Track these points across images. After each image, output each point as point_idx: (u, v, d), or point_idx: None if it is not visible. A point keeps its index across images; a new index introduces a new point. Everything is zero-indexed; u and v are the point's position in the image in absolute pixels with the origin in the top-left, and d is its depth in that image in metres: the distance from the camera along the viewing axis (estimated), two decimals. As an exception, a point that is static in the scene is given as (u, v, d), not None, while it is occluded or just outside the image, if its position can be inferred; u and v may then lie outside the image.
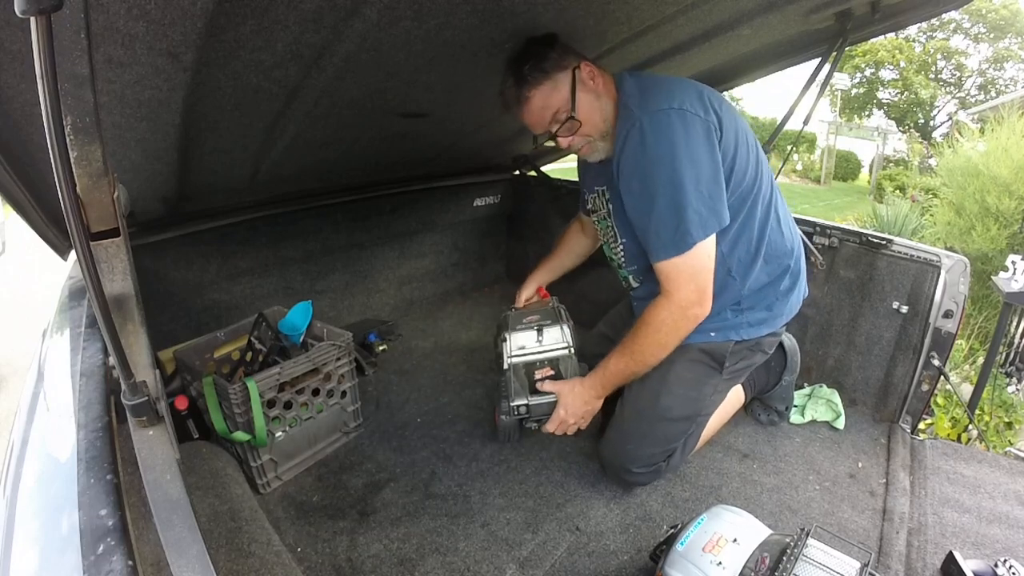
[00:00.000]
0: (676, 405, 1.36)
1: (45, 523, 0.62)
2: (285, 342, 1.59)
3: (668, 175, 1.12)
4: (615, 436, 1.41)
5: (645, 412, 1.37)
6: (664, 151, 1.12)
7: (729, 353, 1.36)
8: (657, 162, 1.13)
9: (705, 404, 1.41)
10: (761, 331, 1.38)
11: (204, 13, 0.76)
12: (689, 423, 1.40)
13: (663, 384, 1.36)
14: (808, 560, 0.93)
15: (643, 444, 1.36)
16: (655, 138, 1.12)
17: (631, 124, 1.16)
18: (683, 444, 1.43)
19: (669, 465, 1.43)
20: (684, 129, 1.12)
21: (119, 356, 0.65)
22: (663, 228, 1.16)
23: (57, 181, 0.53)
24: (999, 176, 4.01)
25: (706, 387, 1.38)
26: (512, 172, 2.74)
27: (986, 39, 16.36)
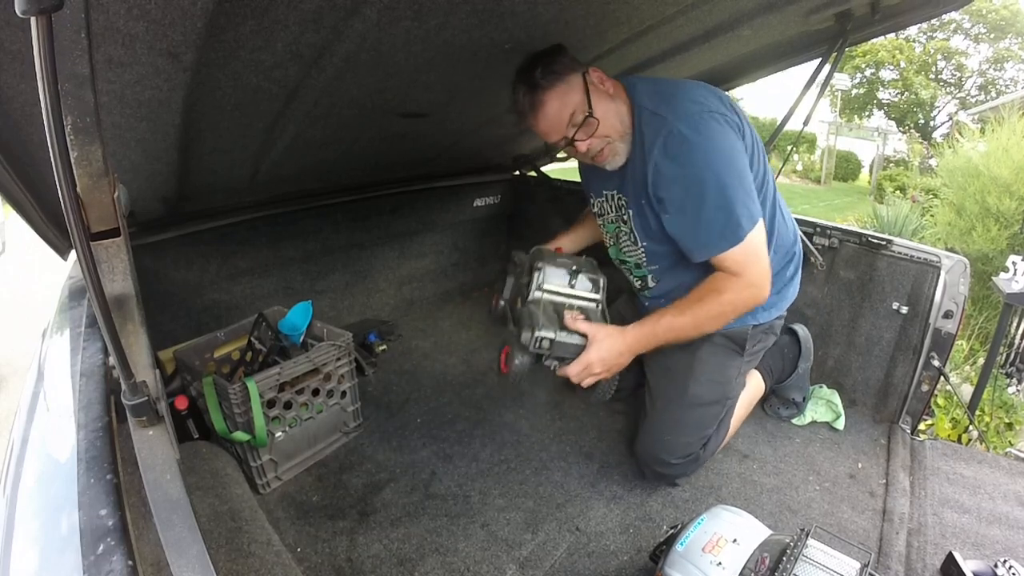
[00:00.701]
0: (705, 391, 1.41)
1: (45, 523, 0.62)
2: (285, 342, 1.59)
3: (715, 177, 1.15)
4: (650, 430, 1.44)
5: (675, 401, 1.41)
6: (708, 155, 1.15)
7: (749, 336, 1.43)
8: (703, 166, 1.15)
9: (732, 387, 1.47)
10: (772, 314, 1.46)
11: (204, 13, 0.76)
12: (720, 407, 1.45)
13: (689, 372, 1.41)
14: (808, 560, 0.93)
15: (679, 433, 1.39)
16: (697, 142, 1.15)
17: (666, 130, 1.17)
18: (716, 431, 1.46)
19: (705, 453, 1.46)
20: (721, 131, 1.17)
21: (119, 356, 0.65)
22: (713, 226, 1.18)
23: (57, 181, 0.53)
24: (999, 176, 4.01)
25: (730, 370, 1.45)
26: (512, 172, 2.74)
27: (986, 39, 16.36)
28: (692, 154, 1.16)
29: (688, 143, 1.15)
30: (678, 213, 1.23)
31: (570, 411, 1.79)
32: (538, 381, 1.97)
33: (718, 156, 1.16)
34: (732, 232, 1.17)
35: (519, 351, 1.27)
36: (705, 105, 1.20)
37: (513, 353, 1.30)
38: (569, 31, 1.22)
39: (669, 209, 1.24)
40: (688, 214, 1.20)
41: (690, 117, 1.17)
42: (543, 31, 1.19)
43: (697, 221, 1.19)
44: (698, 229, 1.20)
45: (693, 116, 1.17)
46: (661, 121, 1.19)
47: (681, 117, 1.17)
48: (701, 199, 1.16)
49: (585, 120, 1.22)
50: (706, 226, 1.18)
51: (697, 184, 1.16)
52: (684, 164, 1.17)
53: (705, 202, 1.16)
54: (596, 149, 1.28)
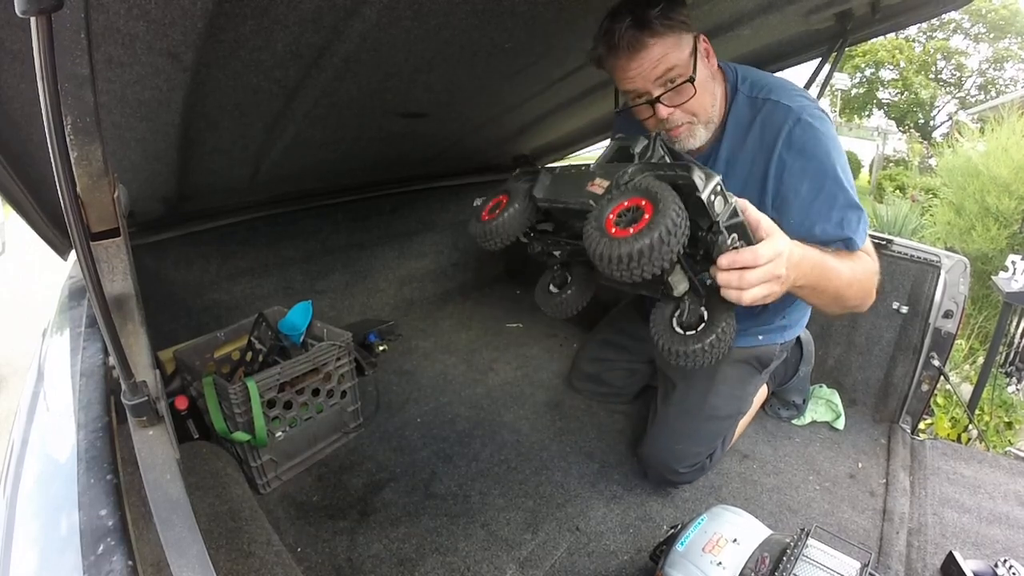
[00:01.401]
0: (723, 404, 1.41)
1: (45, 523, 0.62)
2: (285, 342, 1.59)
3: (846, 170, 1.08)
4: (661, 436, 1.43)
5: (693, 412, 1.40)
6: (836, 147, 1.08)
7: (775, 356, 1.44)
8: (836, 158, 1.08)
9: (747, 402, 1.48)
10: (797, 332, 1.46)
11: (204, 13, 0.76)
12: (732, 421, 1.46)
13: (711, 384, 1.40)
14: (808, 560, 0.93)
15: (691, 443, 1.39)
16: (824, 134, 1.08)
17: (791, 119, 1.08)
18: (722, 441, 1.47)
19: (711, 463, 1.46)
20: (833, 127, 1.11)
21: (119, 356, 0.65)
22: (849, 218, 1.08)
23: (57, 181, 0.53)
24: (999, 176, 4.01)
25: (749, 386, 1.45)
26: (512, 172, 2.74)
27: (986, 39, 16.36)
28: (821, 148, 1.07)
29: (817, 135, 1.07)
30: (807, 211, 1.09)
31: (570, 412, 1.79)
32: (538, 382, 1.97)
33: (840, 152, 1.09)
34: (864, 227, 1.09)
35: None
36: (815, 101, 1.12)
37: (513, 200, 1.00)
38: (569, 31, 1.22)
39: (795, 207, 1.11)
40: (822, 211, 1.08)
41: (811, 110, 1.09)
42: (543, 31, 1.19)
43: (831, 217, 1.08)
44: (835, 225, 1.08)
45: (813, 109, 1.09)
46: (785, 111, 1.09)
47: (804, 108, 1.08)
48: (834, 196, 1.07)
49: (682, 84, 1.06)
50: (842, 222, 1.08)
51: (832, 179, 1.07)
52: (814, 158, 1.07)
53: (840, 199, 1.07)
54: (676, 122, 1.12)
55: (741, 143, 1.16)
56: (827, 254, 1.02)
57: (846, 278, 1.03)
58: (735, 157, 1.18)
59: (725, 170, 1.19)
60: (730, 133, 1.17)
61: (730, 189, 0.89)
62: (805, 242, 1.00)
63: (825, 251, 1.02)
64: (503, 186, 1.09)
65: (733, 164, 1.19)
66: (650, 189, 0.78)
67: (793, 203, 1.11)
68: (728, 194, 0.81)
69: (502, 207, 1.03)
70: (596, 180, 0.90)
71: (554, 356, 2.15)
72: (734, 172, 1.19)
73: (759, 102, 1.14)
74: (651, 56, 1.03)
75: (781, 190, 1.12)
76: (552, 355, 2.16)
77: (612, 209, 0.81)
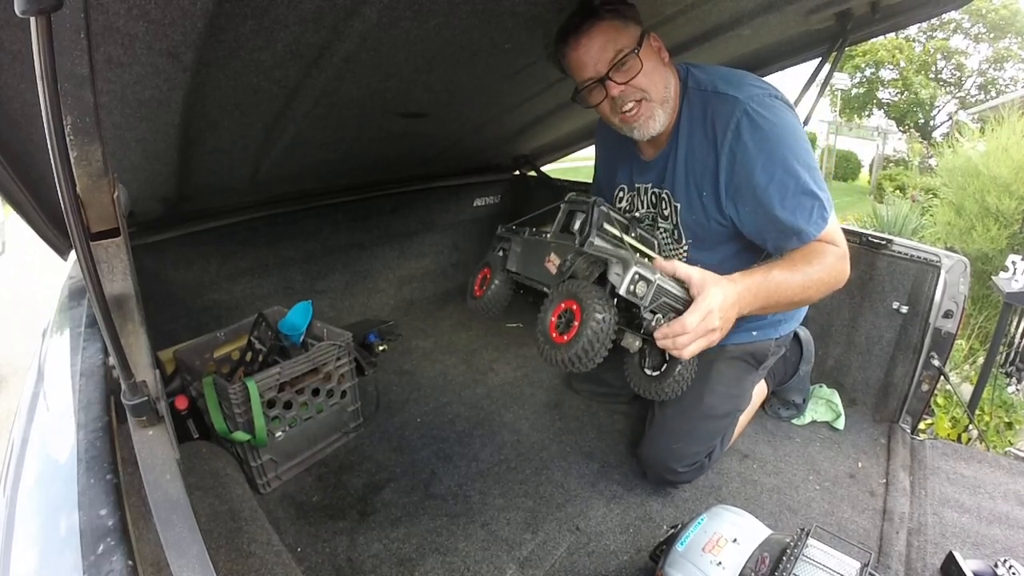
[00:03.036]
0: (719, 403, 1.40)
1: (45, 523, 0.62)
2: (285, 342, 1.59)
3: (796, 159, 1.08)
4: (659, 436, 1.42)
5: (689, 411, 1.39)
6: (786, 137, 1.08)
7: (770, 352, 1.43)
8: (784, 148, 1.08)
9: (744, 399, 1.47)
10: (792, 326, 1.45)
11: (204, 13, 0.76)
12: (730, 419, 1.45)
13: (706, 383, 1.39)
14: (808, 560, 0.93)
15: (689, 443, 1.38)
16: (775, 122, 1.08)
17: (739, 111, 1.09)
18: (721, 440, 1.46)
19: (710, 462, 1.46)
20: (791, 113, 1.12)
21: (119, 356, 0.65)
22: (803, 210, 1.08)
23: (57, 181, 0.53)
24: (999, 176, 4.01)
25: (745, 383, 1.44)
26: (512, 172, 2.74)
27: (986, 39, 16.35)
28: (771, 137, 1.08)
29: (767, 124, 1.08)
30: (760, 201, 1.11)
31: (570, 412, 1.79)
32: (538, 382, 1.97)
33: (796, 138, 1.09)
34: (820, 213, 1.09)
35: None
36: (767, 88, 1.13)
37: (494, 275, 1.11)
38: (569, 31, 1.22)
39: (748, 199, 1.13)
40: (774, 201, 1.09)
41: (760, 99, 1.10)
42: (543, 31, 1.19)
43: (783, 207, 1.09)
44: (788, 215, 1.09)
45: (763, 98, 1.10)
46: (732, 102, 1.10)
47: (752, 98, 1.09)
48: (785, 184, 1.08)
49: (626, 57, 1.08)
50: (795, 211, 1.08)
51: (782, 168, 1.08)
52: (764, 148, 1.08)
53: (791, 186, 1.08)
54: (629, 99, 1.13)
55: (696, 137, 1.17)
56: (773, 270, 1.05)
57: (798, 285, 1.05)
58: (692, 152, 1.19)
59: (684, 167, 1.21)
60: (684, 129, 1.19)
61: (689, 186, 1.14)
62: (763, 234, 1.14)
63: (771, 268, 1.06)
64: (485, 258, 1.23)
65: (691, 160, 1.20)
66: (577, 294, 0.91)
67: (746, 194, 1.13)
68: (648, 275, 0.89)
69: (487, 282, 1.18)
70: (551, 256, 1.05)
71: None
72: (692, 168, 1.20)
73: (708, 95, 1.15)
74: (595, 38, 1.08)
75: (734, 181, 1.14)
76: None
77: (552, 312, 0.95)
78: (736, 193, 1.15)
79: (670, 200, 1.27)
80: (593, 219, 1.00)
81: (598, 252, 0.95)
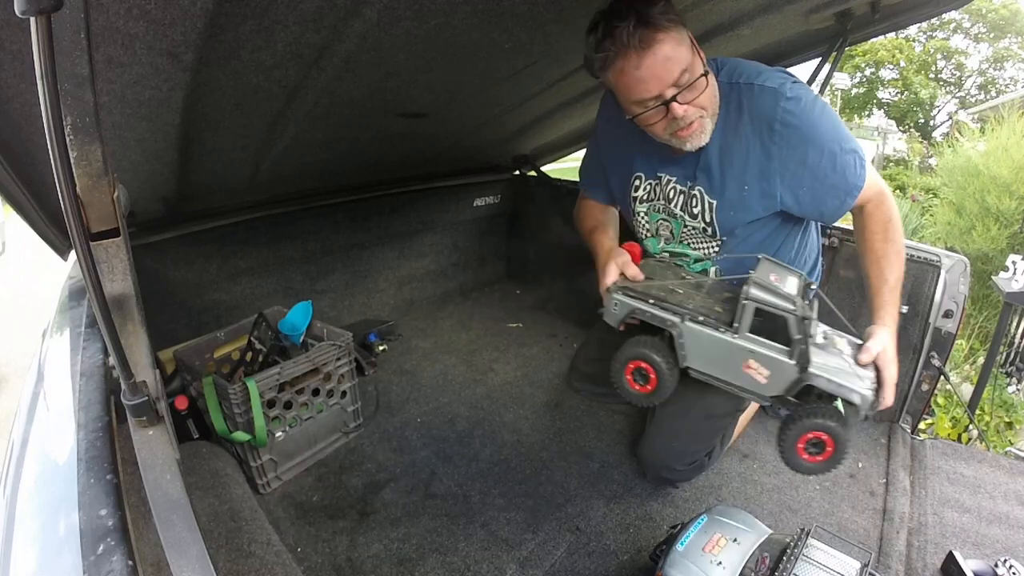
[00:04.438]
0: (720, 402, 1.38)
1: (45, 523, 0.62)
2: (285, 342, 1.59)
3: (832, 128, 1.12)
4: (659, 434, 1.42)
5: (691, 410, 1.38)
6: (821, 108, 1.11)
7: None
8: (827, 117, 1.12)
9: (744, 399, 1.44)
10: None
11: (204, 13, 0.76)
12: (731, 418, 1.44)
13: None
14: (808, 560, 0.93)
15: (689, 442, 1.38)
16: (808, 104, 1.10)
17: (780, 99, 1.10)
18: (721, 439, 1.46)
19: (710, 461, 1.45)
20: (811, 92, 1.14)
21: (119, 356, 0.65)
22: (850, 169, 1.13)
23: (57, 181, 0.53)
24: (999, 176, 4.01)
25: None
26: (512, 172, 2.74)
27: (986, 39, 16.35)
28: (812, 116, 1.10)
29: (806, 106, 1.10)
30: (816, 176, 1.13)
31: (570, 412, 1.79)
32: (538, 383, 1.97)
33: (826, 110, 1.12)
34: (861, 163, 1.13)
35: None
36: (788, 74, 1.16)
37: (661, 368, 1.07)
38: (569, 31, 1.22)
39: (804, 179, 1.14)
40: (827, 171, 1.12)
41: (791, 85, 1.12)
42: (543, 31, 1.19)
43: (835, 171, 1.12)
44: (840, 178, 1.13)
45: (792, 83, 1.12)
46: (772, 93, 1.10)
47: (785, 85, 1.11)
48: (832, 153, 1.11)
49: (696, 79, 1.04)
50: (845, 171, 1.12)
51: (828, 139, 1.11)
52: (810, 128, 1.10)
53: (836, 152, 1.11)
54: (691, 118, 1.09)
55: (733, 131, 1.16)
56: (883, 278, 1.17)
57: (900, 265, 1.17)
58: (728, 148, 1.18)
59: (720, 163, 1.19)
60: (720, 121, 1.16)
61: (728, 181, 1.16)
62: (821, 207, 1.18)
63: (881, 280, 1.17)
64: (633, 349, 1.10)
65: (728, 155, 1.18)
66: (835, 433, 1.05)
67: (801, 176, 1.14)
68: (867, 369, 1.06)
69: (652, 383, 1.10)
70: (752, 364, 1.03)
71: (554, 356, 2.15)
72: (731, 163, 1.18)
73: (741, 88, 1.14)
74: (660, 55, 1.00)
75: (790, 168, 1.14)
76: (552, 355, 2.16)
77: (800, 438, 1.05)
78: (792, 178, 1.15)
79: (702, 197, 1.23)
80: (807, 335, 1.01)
81: (821, 373, 1.02)
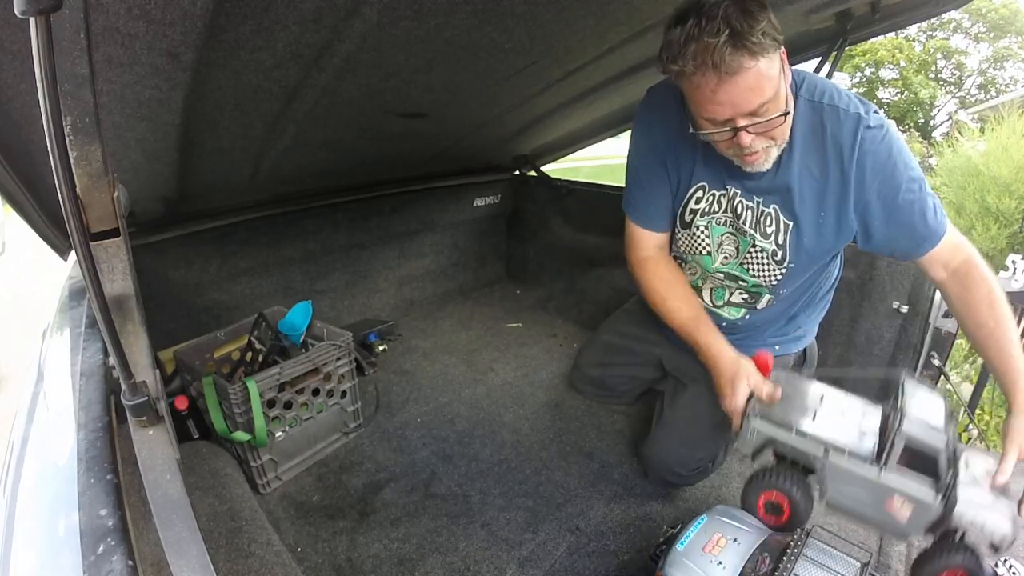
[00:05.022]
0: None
1: (45, 523, 0.62)
2: (285, 342, 1.59)
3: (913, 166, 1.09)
4: (666, 438, 1.42)
5: (701, 417, 1.37)
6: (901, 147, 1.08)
7: (787, 364, 1.44)
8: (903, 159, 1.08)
9: None
10: (810, 340, 1.46)
11: (204, 13, 0.76)
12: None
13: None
14: (808, 560, 0.93)
15: (695, 448, 1.38)
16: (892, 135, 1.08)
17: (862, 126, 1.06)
18: (726, 446, 1.46)
19: (714, 466, 1.45)
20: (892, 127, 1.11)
21: (119, 356, 0.65)
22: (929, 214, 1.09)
23: (57, 181, 0.53)
24: (999, 176, 4.01)
25: None
26: (512, 172, 2.74)
27: (986, 38, 16.34)
28: (893, 149, 1.07)
29: (888, 137, 1.06)
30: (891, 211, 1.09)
31: (570, 412, 1.79)
32: (539, 382, 1.97)
33: (904, 149, 1.09)
34: (941, 211, 1.10)
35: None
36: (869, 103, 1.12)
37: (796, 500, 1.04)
38: (569, 31, 1.22)
39: (877, 211, 1.10)
40: (903, 209, 1.09)
41: (873, 114, 1.07)
42: (543, 31, 1.19)
43: (912, 213, 1.09)
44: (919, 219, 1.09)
45: (873, 112, 1.08)
46: (855, 119, 1.06)
47: (868, 112, 1.07)
48: (914, 191, 1.08)
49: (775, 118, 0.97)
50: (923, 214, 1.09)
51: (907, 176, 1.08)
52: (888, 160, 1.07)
53: (918, 193, 1.08)
54: (756, 148, 1.03)
55: (814, 150, 1.10)
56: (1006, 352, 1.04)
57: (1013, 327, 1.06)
58: (809, 169, 1.12)
59: (799, 183, 1.13)
60: (800, 140, 1.10)
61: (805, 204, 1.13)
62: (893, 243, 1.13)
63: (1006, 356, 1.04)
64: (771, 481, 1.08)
65: (808, 177, 1.12)
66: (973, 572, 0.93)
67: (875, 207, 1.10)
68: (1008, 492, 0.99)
69: (786, 515, 1.07)
70: (896, 501, 0.96)
71: (554, 356, 2.15)
72: (810, 185, 1.13)
73: (824, 108, 1.09)
74: (746, 83, 0.91)
75: (864, 196, 1.10)
76: (552, 355, 2.16)
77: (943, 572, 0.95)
78: (865, 208, 1.11)
79: (777, 217, 1.16)
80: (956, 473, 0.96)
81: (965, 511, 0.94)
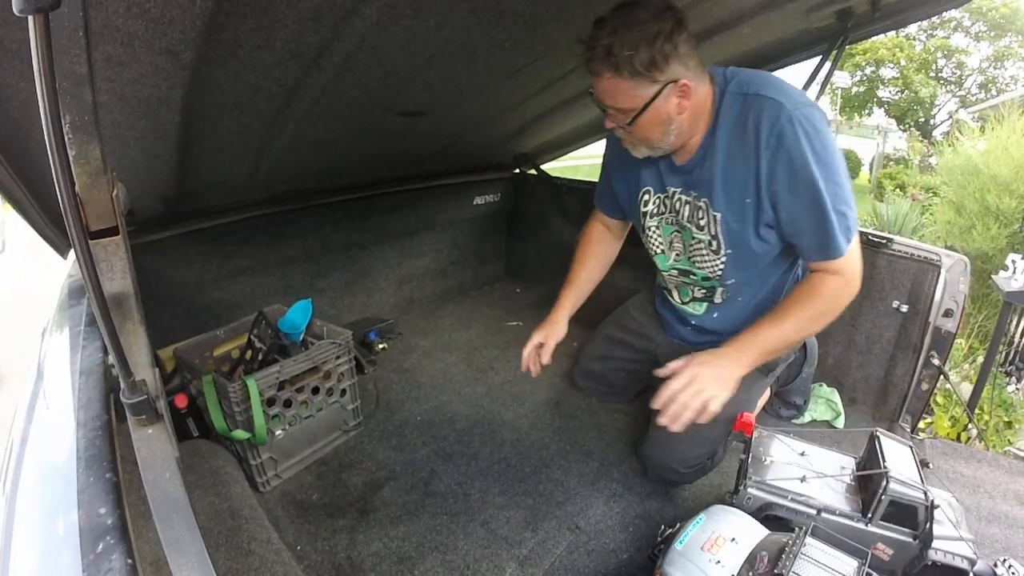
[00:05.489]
0: (728, 407, 1.38)
1: (44, 521, 0.62)
2: (285, 340, 1.59)
3: (837, 172, 1.08)
4: (664, 437, 1.39)
5: None
6: (830, 148, 1.07)
7: (781, 360, 1.45)
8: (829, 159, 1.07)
9: (751, 404, 1.46)
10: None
11: (204, 11, 0.76)
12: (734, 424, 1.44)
13: None
14: (807, 559, 0.93)
15: (693, 445, 1.38)
16: (822, 132, 1.06)
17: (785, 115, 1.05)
18: (725, 443, 1.47)
19: (712, 464, 1.46)
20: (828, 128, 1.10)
21: (118, 355, 0.65)
22: (836, 224, 1.09)
23: (56, 180, 0.53)
24: (999, 175, 4.01)
25: (753, 389, 1.44)
26: (512, 170, 2.74)
27: (987, 37, 16.31)
28: (818, 144, 1.06)
29: (816, 131, 1.05)
30: (804, 206, 1.11)
31: (570, 410, 1.79)
32: (538, 381, 1.97)
33: (836, 151, 1.08)
34: (849, 231, 1.11)
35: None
36: (810, 100, 1.10)
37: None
38: (569, 31, 1.22)
39: (793, 203, 1.12)
40: (816, 207, 1.09)
41: (807, 106, 1.07)
42: (543, 31, 1.19)
43: (822, 217, 1.09)
44: (823, 225, 1.10)
45: (809, 105, 1.07)
46: (777, 106, 1.06)
47: (800, 104, 1.06)
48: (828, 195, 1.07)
49: (618, 119, 1.13)
50: (829, 223, 1.09)
51: (826, 175, 1.07)
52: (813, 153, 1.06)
53: (832, 198, 1.08)
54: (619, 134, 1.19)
55: (738, 142, 1.13)
56: (763, 325, 1.16)
57: (795, 328, 1.18)
58: (732, 158, 1.15)
59: (723, 173, 1.17)
60: (723, 132, 1.14)
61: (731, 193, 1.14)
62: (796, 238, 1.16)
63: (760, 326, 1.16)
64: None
65: (731, 165, 1.16)
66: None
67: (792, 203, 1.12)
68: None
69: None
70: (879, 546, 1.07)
71: (554, 355, 2.15)
72: (734, 174, 1.16)
73: (749, 98, 1.11)
74: (603, 86, 1.10)
75: (772, 187, 1.12)
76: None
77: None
78: (775, 196, 1.13)
79: (708, 209, 1.22)
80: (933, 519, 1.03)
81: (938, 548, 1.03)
